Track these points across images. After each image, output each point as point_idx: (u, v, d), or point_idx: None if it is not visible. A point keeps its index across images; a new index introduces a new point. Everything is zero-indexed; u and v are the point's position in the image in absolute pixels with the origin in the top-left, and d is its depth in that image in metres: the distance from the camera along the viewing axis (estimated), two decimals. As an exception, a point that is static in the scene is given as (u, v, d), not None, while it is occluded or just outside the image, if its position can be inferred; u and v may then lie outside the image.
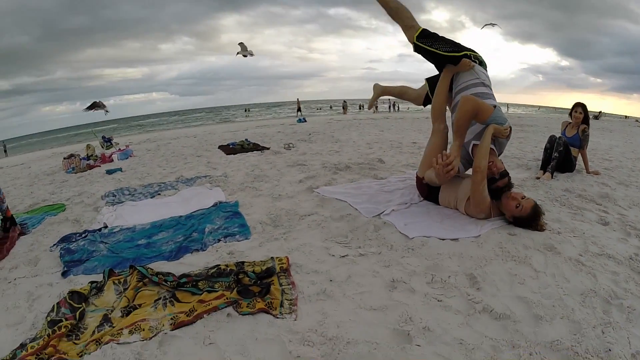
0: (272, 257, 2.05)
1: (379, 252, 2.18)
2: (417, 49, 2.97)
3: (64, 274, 2.13)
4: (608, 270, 1.94)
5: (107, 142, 8.16)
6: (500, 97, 2.95)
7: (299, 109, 27.37)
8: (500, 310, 1.58)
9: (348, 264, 2.04)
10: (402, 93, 3.71)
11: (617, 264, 2.02)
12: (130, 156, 6.97)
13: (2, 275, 2.21)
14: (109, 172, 5.36)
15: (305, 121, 15.76)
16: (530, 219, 2.45)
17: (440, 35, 2.97)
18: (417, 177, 3.15)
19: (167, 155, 6.79)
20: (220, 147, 7.19)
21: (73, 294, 1.77)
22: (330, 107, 51.28)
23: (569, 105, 4.49)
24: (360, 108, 41.92)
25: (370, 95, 3.80)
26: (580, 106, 4.35)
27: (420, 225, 2.54)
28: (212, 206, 3.13)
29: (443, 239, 2.31)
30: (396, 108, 29.79)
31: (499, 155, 2.82)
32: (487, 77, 2.94)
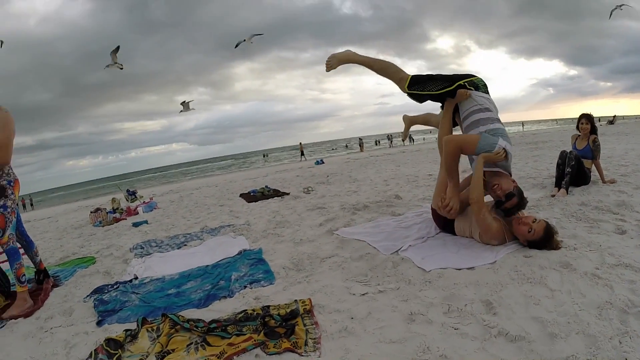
0: (295, 300, 2.16)
1: (398, 287, 2.25)
2: (412, 97, 3.15)
3: (99, 323, 2.26)
4: (625, 280, 1.96)
5: (132, 195, 8.56)
6: (513, 115, 3.03)
7: (302, 153, 28.54)
8: (515, 332, 1.63)
9: (368, 301, 2.12)
10: (426, 121, 3.88)
11: (635, 271, 2.04)
12: (155, 208, 7.28)
13: (39, 324, 2.36)
14: (135, 224, 5.62)
15: (323, 162, 16.12)
16: (544, 241, 2.49)
17: (429, 74, 3.13)
18: (432, 209, 3.24)
19: (191, 206, 7.05)
20: (241, 195, 7.44)
21: (109, 341, 1.91)
22: (346, 146, 52.17)
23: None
24: (376, 144, 42.48)
25: (386, 129, 4.00)
26: (585, 117, 4.41)
27: (436, 258, 2.62)
28: (237, 254, 3.29)
29: (459, 269, 2.37)
30: (412, 141, 30.10)
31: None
32: (487, 99, 2.98)
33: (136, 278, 3.02)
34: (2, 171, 2.72)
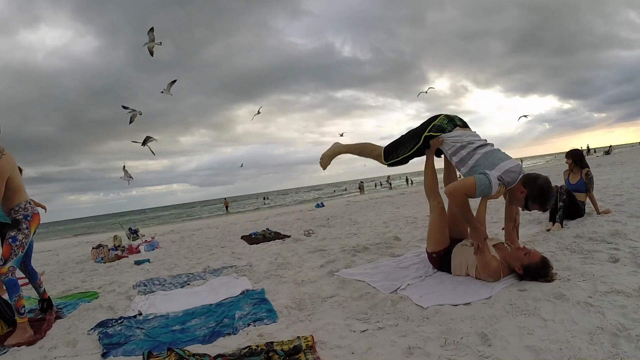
0: (298, 337, 2.22)
1: (396, 324, 2.31)
2: (393, 165, 3.36)
3: (104, 355, 2.28)
4: (617, 305, 2.04)
5: (134, 233, 8.63)
6: (512, 152, 3.09)
7: (226, 208, 33.86)
8: (509, 361, 1.70)
9: (368, 337, 2.18)
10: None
11: (626, 297, 2.13)
12: (157, 247, 7.32)
13: (42, 353, 2.38)
14: (138, 262, 5.64)
15: (324, 206, 16.22)
16: (539, 268, 2.58)
17: (397, 140, 3.34)
18: (427, 252, 3.31)
19: (192, 246, 7.08)
20: (242, 237, 7.44)
21: (116, 371, 1.95)
22: (345, 189, 52.66)
23: (580, 146, 4.78)
24: (376, 186, 42.88)
25: (386, 172, 4.15)
26: (569, 155, 4.65)
27: (434, 295, 2.69)
28: (240, 294, 3.33)
29: (456, 305, 2.44)
30: (410, 182, 30.52)
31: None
32: (460, 135, 3.01)
33: (140, 314, 3.06)
34: (18, 206, 2.82)
